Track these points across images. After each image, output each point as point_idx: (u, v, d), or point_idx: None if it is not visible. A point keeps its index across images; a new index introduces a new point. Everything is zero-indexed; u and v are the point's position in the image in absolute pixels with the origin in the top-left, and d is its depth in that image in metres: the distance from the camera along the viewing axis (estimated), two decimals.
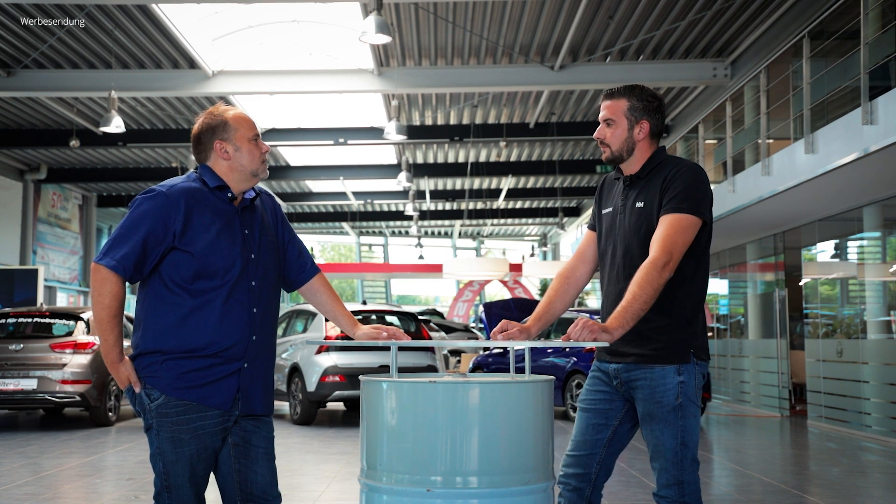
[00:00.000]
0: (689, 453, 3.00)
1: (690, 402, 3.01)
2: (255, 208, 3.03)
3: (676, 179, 3.01)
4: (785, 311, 12.59)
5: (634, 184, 3.15)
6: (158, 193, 2.87)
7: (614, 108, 3.13)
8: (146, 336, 2.86)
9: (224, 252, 2.87)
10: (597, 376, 3.21)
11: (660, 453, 3.01)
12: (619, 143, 3.12)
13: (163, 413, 2.83)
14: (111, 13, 11.64)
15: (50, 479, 6.91)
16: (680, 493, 2.99)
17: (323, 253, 39.07)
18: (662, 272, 2.89)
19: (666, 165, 3.10)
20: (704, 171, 3.10)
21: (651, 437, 3.03)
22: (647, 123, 3.11)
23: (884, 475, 7.64)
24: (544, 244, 33.65)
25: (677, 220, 2.96)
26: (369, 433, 2.82)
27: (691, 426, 3.01)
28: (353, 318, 3.16)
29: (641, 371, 3.02)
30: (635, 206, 3.10)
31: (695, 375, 3.02)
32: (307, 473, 7.24)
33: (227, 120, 2.96)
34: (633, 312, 2.85)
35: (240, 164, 2.95)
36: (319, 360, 10.85)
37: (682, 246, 2.94)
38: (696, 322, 3.06)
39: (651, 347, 2.98)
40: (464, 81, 13.85)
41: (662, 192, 3.03)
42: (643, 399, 3.03)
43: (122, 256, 2.80)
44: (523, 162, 21.02)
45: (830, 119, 9.26)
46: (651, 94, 3.14)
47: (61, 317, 11.08)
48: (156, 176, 20.31)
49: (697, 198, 2.99)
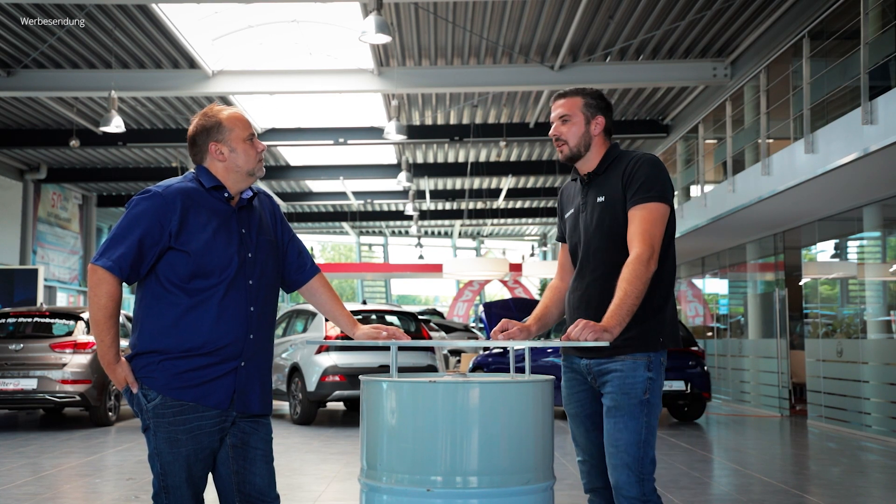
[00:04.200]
0: (650, 452, 3.00)
1: (655, 401, 3.03)
2: (252, 208, 3.02)
3: (637, 170, 3.07)
4: (785, 310, 12.59)
5: (593, 181, 3.19)
6: (154, 194, 2.86)
7: (569, 104, 3.19)
8: (143, 336, 2.86)
9: (220, 251, 2.86)
10: (571, 377, 3.22)
11: (620, 447, 2.98)
12: (576, 139, 3.17)
13: (159, 413, 2.83)
14: (111, 13, 11.64)
15: (50, 479, 6.91)
16: (641, 491, 2.96)
17: (323, 253, 39.06)
18: (648, 265, 2.94)
19: (622, 159, 3.16)
20: (660, 160, 3.16)
21: (613, 431, 3.00)
22: (602, 119, 3.18)
23: (884, 475, 7.64)
24: (544, 244, 33.62)
25: (649, 212, 3.01)
26: (369, 433, 2.82)
27: (654, 426, 3.03)
28: (352, 318, 3.16)
29: (613, 363, 3.03)
30: (596, 201, 3.14)
31: (661, 373, 3.06)
32: (307, 473, 7.24)
33: (222, 121, 2.95)
34: (628, 308, 2.88)
35: (235, 165, 2.95)
36: (319, 359, 10.85)
37: (659, 237, 3.01)
38: (666, 309, 3.09)
39: (623, 337, 2.95)
40: (464, 81, 13.85)
41: (625, 185, 3.07)
42: (611, 392, 3.03)
43: (118, 257, 2.80)
44: (523, 162, 21.01)
45: (830, 119, 9.26)
46: (601, 94, 3.23)
47: (61, 317, 11.08)
48: (156, 176, 20.30)
49: (661, 185, 3.06)
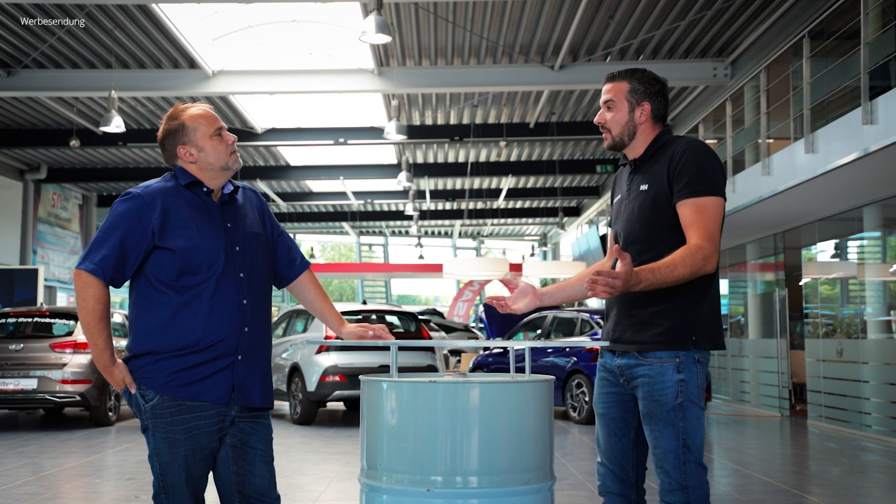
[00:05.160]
0: (693, 457, 2.87)
1: (692, 402, 2.89)
2: (235, 202, 3.02)
3: (686, 161, 2.92)
4: (785, 310, 12.59)
5: (639, 168, 3.08)
6: (134, 195, 2.88)
7: (615, 90, 3.07)
8: (137, 338, 2.86)
9: (206, 247, 2.86)
10: (604, 377, 3.15)
11: (660, 455, 2.90)
12: (619, 127, 3.06)
13: (157, 413, 2.83)
14: (111, 13, 11.63)
15: (50, 479, 6.90)
16: (685, 499, 2.87)
17: (323, 253, 39.04)
18: (706, 262, 2.82)
19: (669, 145, 3.02)
20: (708, 146, 3.02)
21: (651, 438, 2.93)
22: (647, 105, 3.04)
23: (884, 475, 7.64)
24: (544, 244, 33.63)
25: (703, 207, 2.88)
26: (369, 433, 2.82)
27: (693, 428, 2.88)
28: (340, 317, 3.15)
29: (641, 368, 2.93)
30: (640, 189, 3.03)
31: (696, 373, 2.91)
32: (307, 473, 7.24)
33: (185, 122, 2.94)
34: (660, 278, 2.76)
35: (207, 164, 2.94)
36: (319, 359, 10.85)
37: (718, 233, 2.89)
38: (702, 305, 2.93)
39: (651, 334, 2.90)
40: (464, 81, 13.84)
41: (671, 175, 2.94)
42: (643, 398, 2.94)
43: (100, 259, 2.80)
44: (523, 162, 21.01)
45: (830, 119, 9.26)
46: (653, 76, 3.08)
47: (61, 317, 11.08)
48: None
49: (714, 177, 2.92)
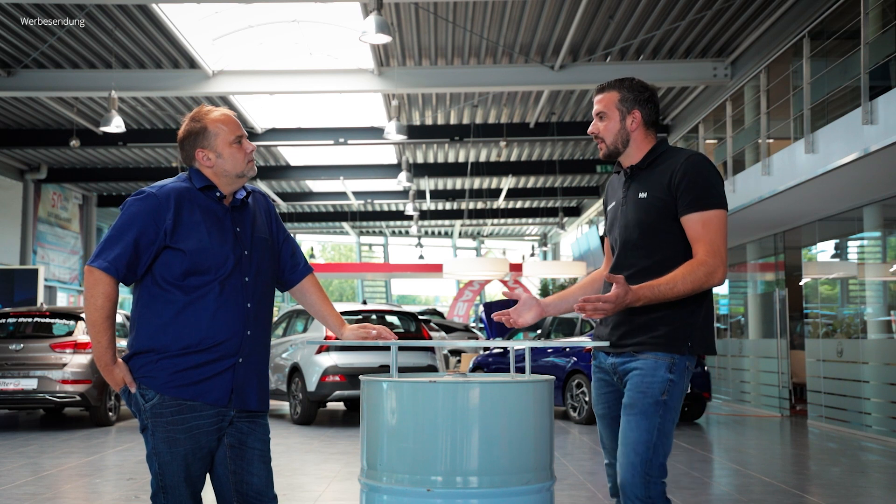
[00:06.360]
0: (659, 458, 2.89)
1: (674, 405, 2.93)
2: (246, 206, 3.03)
3: (692, 175, 2.95)
4: (785, 310, 12.59)
5: (636, 175, 3.10)
6: (149, 195, 2.87)
7: (605, 100, 3.11)
8: (140, 335, 2.86)
9: (215, 250, 2.87)
10: (600, 378, 3.17)
11: (629, 447, 2.90)
12: (612, 136, 3.10)
13: (157, 413, 2.83)
14: (111, 13, 11.64)
15: (50, 479, 6.90)
16: (646, 494, 2.86)
17: (323, 253, 39.04)
18: (709, 279, 2.88)
19: (669, 156, 3.05)
20: (709, 159, 3.05)
21: (626, 429, 2.93)
22: (638, 113, 3.08)
23: (884, 475, 7.64)
24: (544, 244, 33.63)
25: (710, 220, 2.92)
26: (369, 433, 2.82)
27: (668, 429, 2.91)
28: (340, 319, 3.17)
29: (635, 362, 2.96)
30: (637, 196, 3.04)
31: (683, 379, 2.96)
32: (307, 473, 7.24)
33: (207, 125, 2.94)
34: (660, 294, 2.83)
35: (223, 170, 2.95)
36: (319, 359, 10.85)
37: (725, 246, 2.92)
38: (698, 313, 2.98)
39: (649, 336, 2.94)
40: (464, 81, 13.84)
41: (674, 187, 2.96)
42: (630, 389, 2.96)
43: (114, 257, 2.80)
44: (523, 162, 21.01)
45: (830, 119, 9.27)
46: (641, 84, 3.11)
47: (61, 317, 11.07)
48: (156, 176, 20.28)
49: (717, 190, 2.96)
